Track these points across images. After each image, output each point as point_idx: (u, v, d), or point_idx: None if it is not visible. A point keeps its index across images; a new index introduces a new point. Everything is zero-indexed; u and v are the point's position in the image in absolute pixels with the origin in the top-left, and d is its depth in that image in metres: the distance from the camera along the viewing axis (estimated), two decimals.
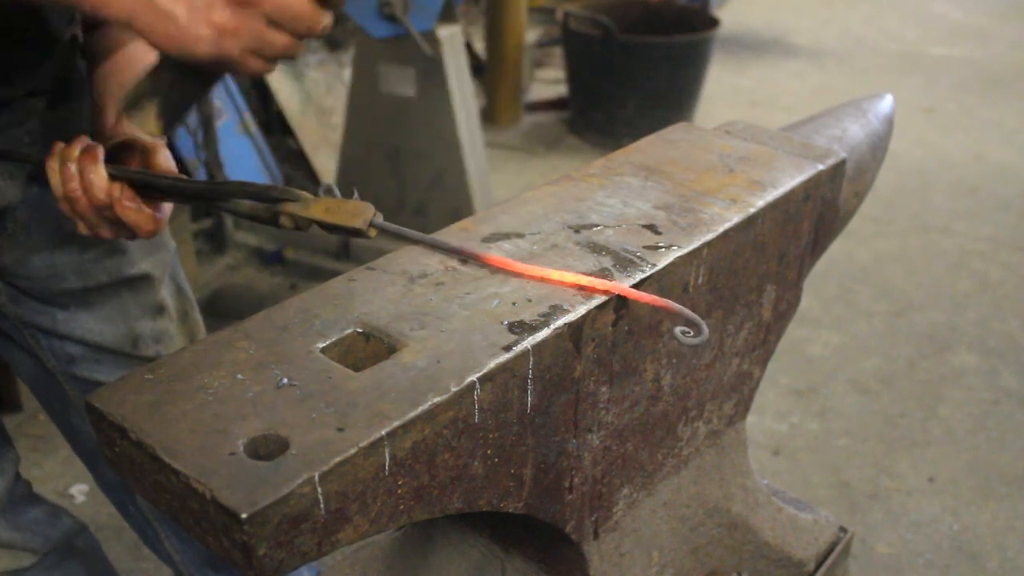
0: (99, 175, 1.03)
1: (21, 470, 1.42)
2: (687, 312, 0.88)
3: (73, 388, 1.43)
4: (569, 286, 0.93)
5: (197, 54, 0.88)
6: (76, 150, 1.03)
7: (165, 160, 1.12)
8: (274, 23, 0.88)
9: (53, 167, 1.04)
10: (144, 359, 1.40)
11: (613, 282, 0.93)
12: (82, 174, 1.03)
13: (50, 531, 1.40)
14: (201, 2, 0.86)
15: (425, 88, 3.33)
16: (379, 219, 0.97)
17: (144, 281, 1.38)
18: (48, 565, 1.40)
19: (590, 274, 0.96)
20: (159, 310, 1.42)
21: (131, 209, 1.05)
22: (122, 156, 1.13)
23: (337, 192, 1.00)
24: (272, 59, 0.92)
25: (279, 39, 0.89)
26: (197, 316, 1.52)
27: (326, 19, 0.90)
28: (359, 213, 0.97)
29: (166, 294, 1.43)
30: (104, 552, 1.59)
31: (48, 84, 1.22)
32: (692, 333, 0.87)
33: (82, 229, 1.09)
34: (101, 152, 1.04)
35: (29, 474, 1.40)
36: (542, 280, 0.94)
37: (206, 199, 1.07)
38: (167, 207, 1.12)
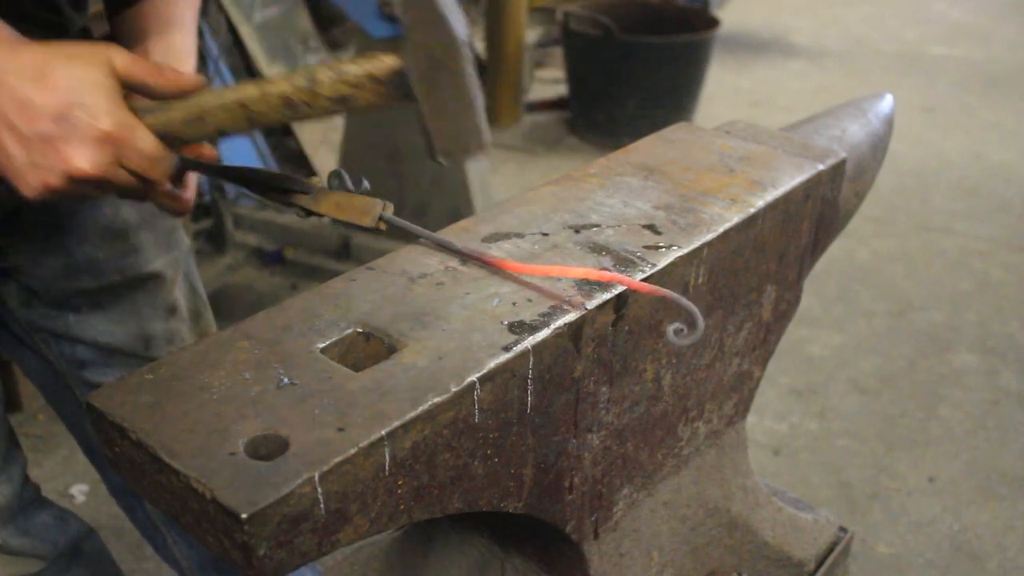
0: None
1: None
2: (685, 302, 0.87)
3: (84, 393, 1.42)
4: (578, 278, 0.93)
5: (24, 195, 0.90)
6: None
7: None
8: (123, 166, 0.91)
9: None
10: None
11: (619, 275, 0.93)
12: None
13: (58, 536, 1.39)
14: (48, 153, 0.87)
15: None
16: (388, 213, 0.98)
17: (157, 280, 1.38)
18: (56, 570, 1.40)
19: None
20: (171, 310, 1.41)
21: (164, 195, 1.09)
22: None
23: (348, 179, 1.00)
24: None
25: (122, 180, 0.92)
26: (210, 317, 1.51)
27: (171, 168, 0.94)
28: (368, 210, 0.98)
29: (179, 294, 1.42)
30: (111, 554, 1.58)
31: None
32: (685, 331, 0.87)
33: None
34: None
35: (29, 474, 1.40)
36: (547, 276, 0.94)
37: (224, 178, 1.13)
38: (192, 184, 1.14)
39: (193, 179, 1.14)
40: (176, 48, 1.19)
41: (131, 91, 0.94)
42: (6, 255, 1.26)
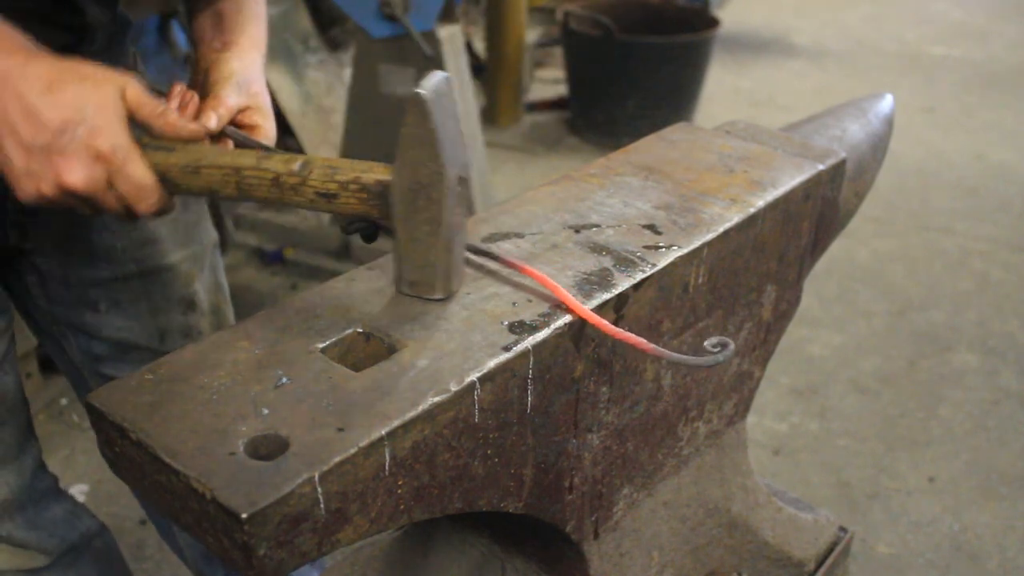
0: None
1: None
2: (664, 351, 0.87)
3: (97, 385, 1.44)
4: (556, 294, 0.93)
5: (20, 198, 0.93)
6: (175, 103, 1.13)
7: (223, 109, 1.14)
8: (114, 189, 0.93)
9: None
10: None
11: (581, 304, 0.90)
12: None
13: (67, 532, 1.39)
14: (45, 162, 0.89)
15: None
16: None
17: (173, 273, 1.39)
18: (63, 566, 1.39)
19: (587, 274, 0.96)
20: (189, 304, 1.43)
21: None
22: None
23: None
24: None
25: (110, 202, 0.94)
26: (230, 313, 1.53)
27: (158, 203, 0.95)
28: None
29: (199, 288, 1.44)
30: (121, 553, 1.58)
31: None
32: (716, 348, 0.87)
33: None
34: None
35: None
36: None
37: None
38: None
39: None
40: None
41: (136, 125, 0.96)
42: (27, 235, 1.27)
